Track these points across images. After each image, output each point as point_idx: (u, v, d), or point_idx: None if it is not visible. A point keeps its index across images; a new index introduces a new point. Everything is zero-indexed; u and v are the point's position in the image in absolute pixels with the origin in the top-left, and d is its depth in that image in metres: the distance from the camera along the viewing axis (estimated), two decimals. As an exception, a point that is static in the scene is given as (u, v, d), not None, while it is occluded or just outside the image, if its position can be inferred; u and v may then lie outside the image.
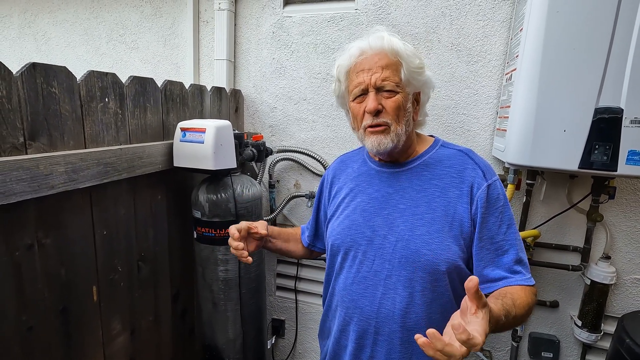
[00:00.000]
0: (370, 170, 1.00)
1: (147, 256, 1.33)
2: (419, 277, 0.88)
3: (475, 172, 0.90)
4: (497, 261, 0.87)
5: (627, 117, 1.15)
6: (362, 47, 0.89)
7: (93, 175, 1.01)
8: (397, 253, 0.89)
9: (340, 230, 0.98)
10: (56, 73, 0.94)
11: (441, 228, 0.87)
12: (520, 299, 0.80)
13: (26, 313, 0.92)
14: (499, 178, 0.91)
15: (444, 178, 0.91)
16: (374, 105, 0.86)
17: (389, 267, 0.90)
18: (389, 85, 0.86)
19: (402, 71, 0.87)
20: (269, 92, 1.89)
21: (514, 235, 0.88)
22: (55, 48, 2.25)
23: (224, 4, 1.79)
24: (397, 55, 0.87)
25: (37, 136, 0.91)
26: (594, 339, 1.53)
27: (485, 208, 0.86)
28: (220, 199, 1.36)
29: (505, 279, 0.86)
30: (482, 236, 0.87)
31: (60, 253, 1.00)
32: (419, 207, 0.90)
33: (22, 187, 0.83)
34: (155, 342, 1.42)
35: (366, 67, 0.87)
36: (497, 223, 0.87)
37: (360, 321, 0.94)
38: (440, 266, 0.86)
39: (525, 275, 0.86)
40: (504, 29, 1.52)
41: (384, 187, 0.96)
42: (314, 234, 1.19)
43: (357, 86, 0.89)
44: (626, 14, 1.11)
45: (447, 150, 0.96)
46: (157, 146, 1.27)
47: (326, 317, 1.08)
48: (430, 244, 0.87)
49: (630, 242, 1.52)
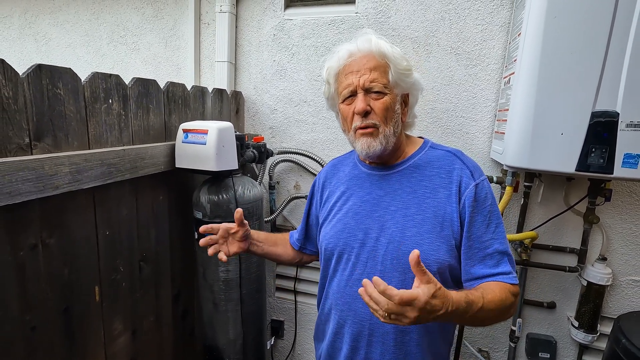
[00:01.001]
0: (360, 174, 1.02)
1: (149, 256, 1.34)
2: (410, 278, 0.88)
3: (463, 171, 0.91)
4: (484, 259, 0.88)
5: (623, 121, 1.17)
6: (350, 50, 0.90)
7: (97, 175, 1.02)
8: (389, 255, 0.90)
9: (333, 234, 0.99)
10: (61, 74, 0.95)
11: (432, 229, 0.89)
12: (492, 293, 0.80)
13: (29, 313, 0.93)
14: (486, 178, 0.93)
15: (434, 179, 0.92)
16: (363, 106, 0.88)
17: (381, 269, 0.91)
18: (377, 87, 0.88)
19: (390, 73, 0.89)
20: (269, 94, 1.90)
21: (501, 234, 0.90)
22: (55, 49, 2.26)
23: (225, 7, 1.81)
24: (385, 57, 0.89)
25: (42, 137, 0.91)
26: (591, 340, 1.55)
27: (472, 207, 0.88)
28: (222, 200, 1.37)
29: (490, 276, 0.87)
30: (470, 235, 0.88)
31: (64, 253, 1.00)
32: (409, 209, 0.91)
33: (28, 187, 0.83)
34: (157, 343, 1.42)
35: (355, 69, 0.89)
36: (485, 222, 0.88)
37: (354, 323, 0.95)
38: (431, 266, 0.87)
39: (511, 273, 0.88)
40: (503, 33, 1.54)
41: (374, 190, 0.97)
42: (304, 236, 1.20)
43: (346, 88, 0.91)
44: (622, 19, 1.13)
45: (436, 152, 0.97)
46: (160, 147, 1.28)
47: (320, 320, 1.09)
48: (421, 244, 0.88)
49: (626, 244, 1.54)
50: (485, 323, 0.84)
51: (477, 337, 1.78)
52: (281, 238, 1.22)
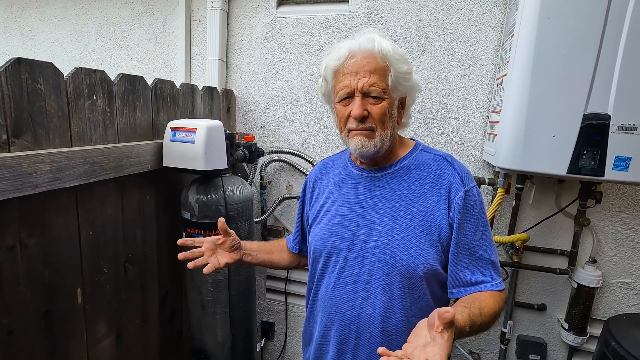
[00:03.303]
0: (351, 175, 1.00)
1: (135, 257, 1.30)
2: (397, 282, 0.88)
3: (454, 177, 0.90)
4: (471, 266, 0.88)
5: (614, 124, 1.17)
6: (351, 48, 0.87)
7: (79, 174, 0.99)
8: (376, 258, 0.89)
9: (321, 235, 0.98)
10: (42, 69, 0.91)
11: (419, 233, 0.88)
12: (487, 307, 0.82)
13: (7, 316, 0.89)
14: (476, 184, 0.92)
15: (423, 183, 0.91)
16: (359, 112, 0.86)
17: (368, 272, 0.90)
18: (375, 92, 0.85)
19: (389, 77, 0.86)
20: (261, 92, 1.88)
21: (488, 241, 0.90)
22: (42, 44, 2.20)
23: (217, 3, 1.78)
24: (386, 60, 0.86)
25: (21, 133, 0.88)
26: (581, 342, 1.55)
27: (462, 214, 0.87)
28: (211, 200, 1.34)
29: (478, 284, 0.87)
30: (459, 242, 0.88)
31: (44, 254, 0.97)
32: (398, 212, 0.90)
33: (4, 186, 0.80)
34: (143, 346, 1.39)
35: (354, 70, 0.86)
36: (473, 229, 0.88)
37: (341, 326, 0.94)
38: (417, 271, 0.86)
39: (497, 280, 0.89)
40: (496, 34, 1.54)
41: (364, 192, 0.95)
42: (300, 239, 1.17)
43: (343, 89, 0.88)
44: (614, 22, 1.13)
45: (427, 155, 0.96)
46: (147, 145, 1.25)
47: (308, 323, 1.07)
48: (409, 248, 0.87)
49: (616, 246, 1.55)
50: (476, 334, 0.85)
51: (467, 339, 1.78)
52: (276, 245, 1.19)
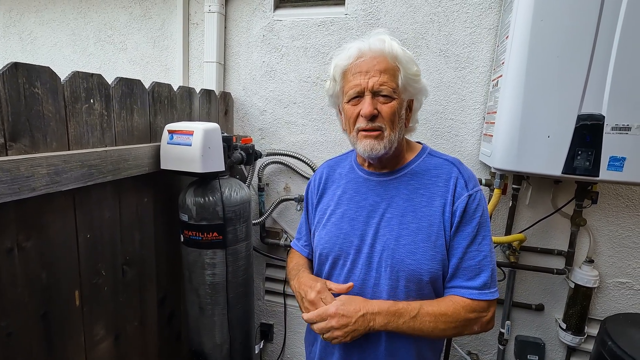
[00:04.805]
0: (358, 178, 1.00)
1: (133, 260, 1.31)
2: (402, 286, 0.88)
3: (459, 181, 0.90)
4: (458, 271, 0.88)
5: (608, 124, 1.18)
6: (361, 49, 0.87)
7: (76, 177, 0.99)
8: (383, 262, 0.89)
9: (328, 238, 0.98)
10: (39, 73, 0.92)
11: (426, 238, 0.87)
12: (435, 306, 0.85)
13: (5, 318, 0.89)
14: (481, 190, 0.92)
15: (431, 187, 0.91)
16: (370, 110, 0.85)
17: (375, 276, 0.90)
18: (386, 91, 0.85)
19: (399, 77, 0.86)
20: (258, 95, 1.89)
21: (486, 247, 0.89)
22: (41, 48, 2.22)
23: (214, 7, 1.79)
24: (396, 60, 0.86)
25: (18, 137, 0.88)
26: (578, 342, 1.55)
27: (461, 217, 0.87)
28: (208, 202, 1.35)
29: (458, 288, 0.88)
30: (453, 244, 0.88)
31: (42, 257, 0.97)
32: (405, 217, 0.90)
33: (2, 189, 0.80)
34: (141, 348, 1.39)
35: (364, 70, 0.86)
36: (472, 234, 0.88)
37: None
38: (423, 276, 0.86)
39: (478, 289, 0.86)
40: (491, 36, 1.54)
41: (371, 196, 0.95)
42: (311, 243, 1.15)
43: (352, 88, 0.87)
44: (608, 23, 1.14)
45: (435, 160, 0.96)
46: (144, 148, 1.26)
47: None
48: (415, 253, 0.87)
49: (612, 246, 1.55)
50: (434, 333, 0.84)
51: (466, 339, 1.78)
52: (302, 262, 1.13)
